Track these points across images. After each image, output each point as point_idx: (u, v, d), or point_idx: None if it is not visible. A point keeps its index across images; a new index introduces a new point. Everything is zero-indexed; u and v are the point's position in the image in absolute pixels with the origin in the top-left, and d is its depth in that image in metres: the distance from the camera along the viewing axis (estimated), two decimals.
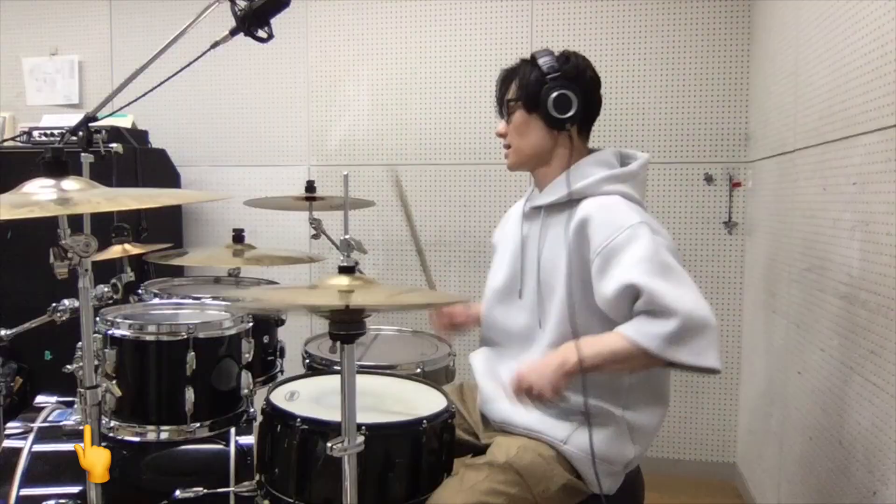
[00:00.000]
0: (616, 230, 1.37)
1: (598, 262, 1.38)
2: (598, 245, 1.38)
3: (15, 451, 1.64)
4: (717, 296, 2.93)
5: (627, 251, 1.34)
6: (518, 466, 1.40)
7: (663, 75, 2.93)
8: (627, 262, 1.33)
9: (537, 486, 1.39)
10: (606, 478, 1.44)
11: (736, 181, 2.87)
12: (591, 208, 1.43)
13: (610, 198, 1.45)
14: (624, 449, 1.45)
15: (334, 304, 1.14)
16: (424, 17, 3.14)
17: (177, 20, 2.19)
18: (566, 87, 1.48)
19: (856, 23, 1.69)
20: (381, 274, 3.21)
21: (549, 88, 1.48)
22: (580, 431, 1.44)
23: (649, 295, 1.29)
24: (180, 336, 1.64)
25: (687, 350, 1.28)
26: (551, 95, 1.48)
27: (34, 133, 3.00)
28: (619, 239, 1.36)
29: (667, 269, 1.33)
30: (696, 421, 2.99)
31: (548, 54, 1.52)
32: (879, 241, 1.53)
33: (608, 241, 1.37)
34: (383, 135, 3.22)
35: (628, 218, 1.39)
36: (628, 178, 1.50)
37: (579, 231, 1.42)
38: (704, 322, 1.28)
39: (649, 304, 1.30)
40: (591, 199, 1.46)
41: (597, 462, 1.42)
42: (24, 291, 2.60)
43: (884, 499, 1.47)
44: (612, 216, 1.40)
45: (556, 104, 1.48)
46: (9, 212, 1.03)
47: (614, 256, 1.35)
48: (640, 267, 1.31)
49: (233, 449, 1.71)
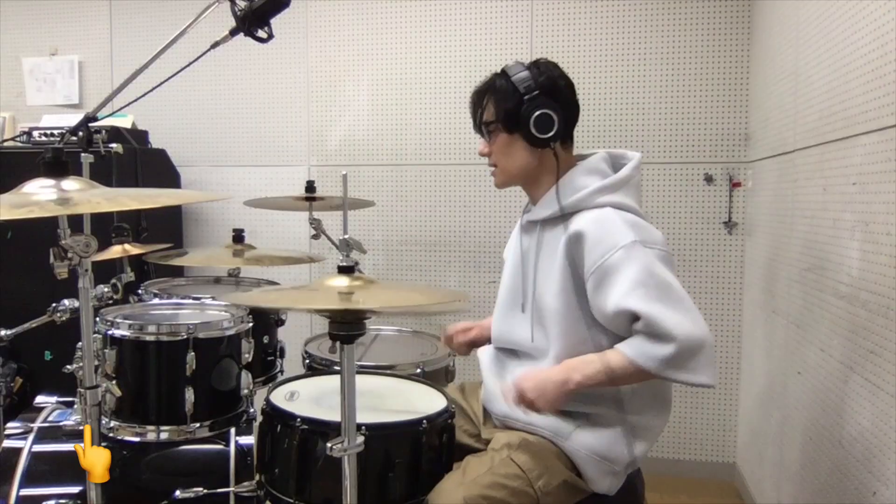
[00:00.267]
0: (609, 249, 1.37)
1: (593, 281, 1.39)
2: (591, 264, 1.39)
3: (15, 451, 1.64)
4: (717, 296, 2.93)
5: (621, 273, 1.35)
6: (519, 460, 1.41)
7: (663, 75, 2.93)
8: (623, 286, 1.34)
9: (538, 479, 1.40)
10: (607, 477, 1.44)
11: (736, 181, 2.87)
12: (584, 223, 1.43)
13: (602, 211, 1.44)
14: (626, 449, 1.45)
15: (334, 306, 1.14)
16: (424, 17, 3.14)
17: (177, 20, 2.19)
18: (545, 105, 1.45)
19: (856, 23, 1.69)
20: (381, 274, 3.21)
21: (528, 109, 1.46)
22: (582, 430, 1.45)
23: (647, 320, 1.31)
24: (180, 336, 1.64)
25: (684, 371, 1.32)
26: (532, 116, 1.45)
27: (34, 133, 3.00)
28: (611, 259, 1.36)
29: (663, 291, 1.34)
30: (696, 421, 2.99)
31: (521, 69, 1.49)
32: (879, 241, 1.53)
33: (601, 261, 1.37)
34: (383, 135, 3.22)
35: (621, 236, 1.38)
36: (620, 186, 1.48)
37: (572, 246, 1.42)
38: (702, 342, 1.32)
39: (648, 328, 1.32)
40: (584, 212, 1.45)
41: (598, 461, 1.43)
42: (24, 291, 2.61)
43: (884, 499, 1.47)
44: (605, 233, 1.40)
45: (538, 124, 1.46)
46: (9, 212, 1.03)
47: (608, 276, 1.36)
48: (637, 292, 1.33)
49: (233, 449, 1.70)
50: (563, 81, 1.52)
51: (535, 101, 1.46)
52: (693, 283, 2.94)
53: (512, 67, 1.50)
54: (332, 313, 1.16)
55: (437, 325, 3.03)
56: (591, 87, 2.98)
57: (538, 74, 1.48)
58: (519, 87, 1.47)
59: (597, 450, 1.43)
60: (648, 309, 1.31)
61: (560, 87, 1.50)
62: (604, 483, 1.44)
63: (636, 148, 1.56)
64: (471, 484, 1.36)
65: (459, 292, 1.25)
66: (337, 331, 1.15)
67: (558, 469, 1.43)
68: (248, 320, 1.80)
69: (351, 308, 1.16)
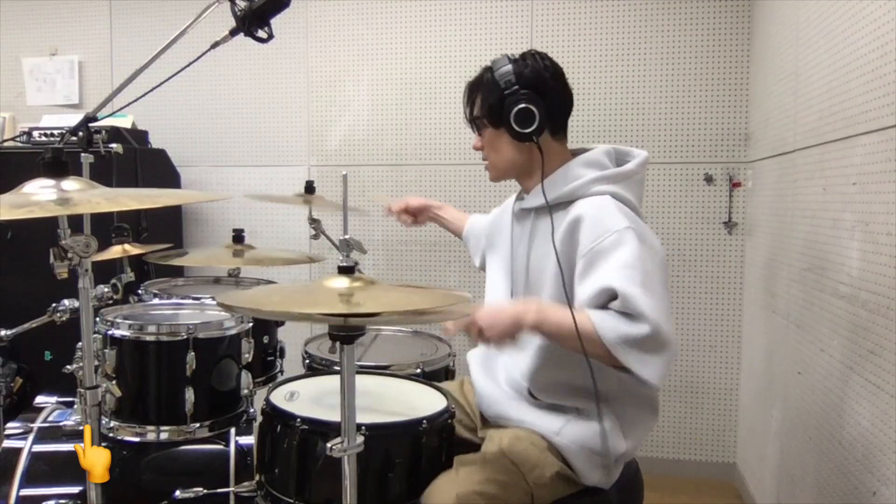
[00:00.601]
0: (603, 233, 1.36)
1: (582, 264, 1.37)
2: (584, 248, 1.37)
3: (15, 451, 1.64)
4: (717, 296, 2.93)
5: (611, 256, 1.33)
6: (511, 455, 1.41)
7: (663, 75, 2.93)
8: (609, 267, 1.32)
9: (531, 473, 1.40)
10: (597, 469, 1.44)
11: (736, 181, 2.87)
12: (583, 209, 1.42)
13: (602, 198, 1.43)
14: (615, 443, 1.45)
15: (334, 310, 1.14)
16: (424, 17, 3.14)
17: (177, 20, 2.19)
18: (526, 98, 1.43)
19: (856, 23, 1.69)
20: (381, 274, 3.21)
21: (509, 104, 1.44)
22: (572, 424, 1.45)
23: (625, 299, 1.28)
24: (180, 336, 1.64)
25: (636, 357, 1.27)
26: (512, 111, 1.44)
27: (34, 133, 3.00)
28: (604, 243, 1.35)
29: (647, 279, 1.31)
30: (696, 421, 2.99)
31: (505, 63, 1.47)
32: (879, 241, 1.53)
33: (593, 245, 1.36)
34: (383, 135, 3.22)
35: (616, 222, 1.37)
36: (620, 179, 1.47)
37: (571, 232, 1.42)
38: (666, 341, 1.29)
39: (624, 308, 1.29)
40: (583, 200, 1.45)
41: (588, 454, 1.43)
42: (24, 291, 2.60)
43: (884, 499, 1.48)
44: (601, 219, 1.39)
45: (519, 119, 1.44)
46: (9, 212, 1.03)
47: (597, 260, 1.35)
48: (622, 273, 1.30)
49: (233, 449, 1.71)
50: (549, 73, 1.48)
51: (515, 96, 1.44)
52: (693, 283, 2.94)
53: (497, 62, 1.49)
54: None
55: (437, 325, 3.04)
56: (592, 87, 2.98)
57: (523, 67, 1.46)
58: (500, 82, 1.46)
59: (586, 443, 1.43)
60: (630, 289, 1.28)
61: (544, 78, 1.47)
62: (594, 476, 1.44)
63: (637, 147, 1.56)
64: (464, 481, 1.36)
65: (463, 294, 1.24)
66: (337, 331, 1.14)
67: (550, 461, 1.43)
68: (248, 320, 1.80)
69: (350, 320, 1.16)
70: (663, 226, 2.95)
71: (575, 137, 1.59)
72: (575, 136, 1.58)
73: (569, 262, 1.42)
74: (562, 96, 1.51)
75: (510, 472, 1.39)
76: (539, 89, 1.45)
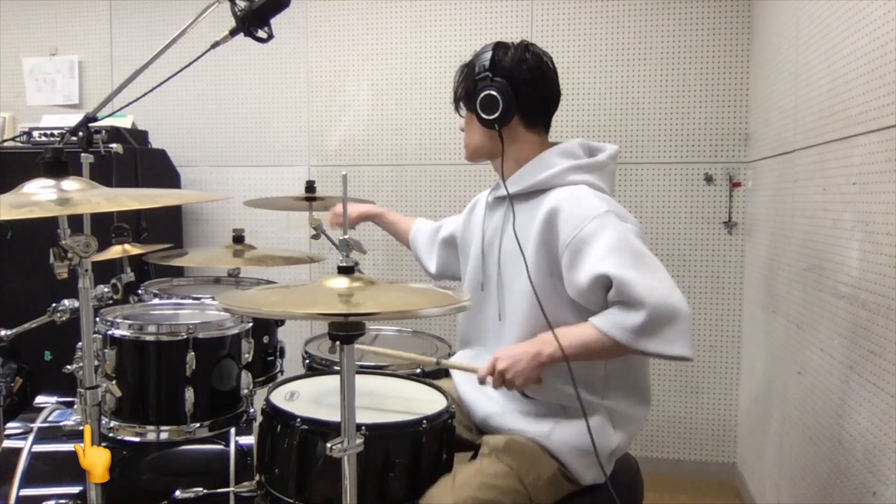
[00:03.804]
0: (583, 220, 1.37)
1: (568, 255, 1.38)
2: (566, 237, 1.38)
3: (15, 451, 1.64)
4: (716, 296, 2.93)
5: (596, 241, 1.35)
6: (507, 460, 1.42)
7: (663, 75, 2.93)
8: (598, 253, 1.34)
9: (528, 475, 1.40)
10: (591, 468, 1.45)
11: (736, 181, 2.87)
12: (559, 198, 1.43)
13: (577, 188, 1.45)
14: (606, 439, 1.45)
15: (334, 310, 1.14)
16: (424, 17, 3.14)
17: (177, 20, 2.19)
18: (493, 86, 1.46)
19: (856, 23, 1.69)
20: (381, 274, 3.21)
21: (479, 89, 1.48)
22: (561, 425, 1.46)
23: (619, 285, 1.30)
24: (180, 336, 1.64)
25: (656, 340, 1.30)
26: (479, 97, 1.47)
27: (34, 133, 3.00)
28: (586, 230, 1.36)
29: (637, 258, 1.33)
30: (695, 421, 2.99)
31: (486, 50, 1.50)
32: (879, 241, 1.53)
33: (576, 233, 1.37)
34: (383, 135, 3.22)
35: (595, 207, 1.39)
36: (595, 169, 1.49)
37: (548, 222, 1.42)
38: (675, 311, 1.29)
39: (620, 295, 1.31)
40: (559, 189, 1.46)
41: (581, 454, 1.43)
42: (24, 291, 2.61)
43: (884, 499, 1.47)
44: (579, 207, 1.40)
45: (483, 105, 1.48)
46: (9, 212, 1.03)
47: (583, 247, 1.36)
48: (610, 258, 1.32)
49: (233, 449, 1.70)
50: (527, 65, 1.48)
51: (484, 82, 1.47)
52: (693, 283, 2.94)
53: (484, 47, 1.52)
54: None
55: (437, 325, 3.04)
56: (592, 87, 2.98)
57: (502, 56, 1.48)
58: (475, 67, 1.50)
59: (577, 444, 1.43)
60: (622, 274, 1.30)
61: (521, 69, 1.48)
62: (589, 475, 1.45)
63: (637, 147, 1.57)
64: (461, 488, 1.36)
65: (462, 296, 1.25)
66: (337, 331, 1.14)
67: (546, 463, 1.43)
68: (248, 320, 1.80)
69: (351, 318, 1.16)
70: (663, 226, 2.95)
71: (574, 136, 1.59)
72: (574, 136, 1.59)
73: (549, 252, 1.42)
74: (538, 89, 1.51)
75: (507, 476, 1.39)
76: (511, 80, 1.47)
